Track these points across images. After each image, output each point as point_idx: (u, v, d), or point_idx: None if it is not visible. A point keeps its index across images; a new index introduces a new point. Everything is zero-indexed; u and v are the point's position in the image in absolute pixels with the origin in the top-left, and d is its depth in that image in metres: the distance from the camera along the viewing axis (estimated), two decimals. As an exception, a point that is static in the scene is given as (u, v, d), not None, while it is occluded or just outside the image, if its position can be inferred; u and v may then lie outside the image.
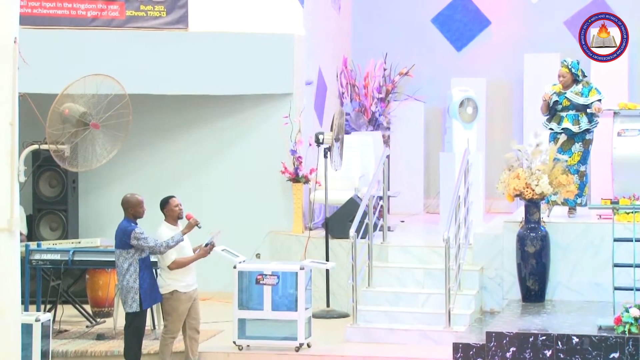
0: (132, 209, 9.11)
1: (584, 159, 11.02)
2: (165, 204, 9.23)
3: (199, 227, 9.24)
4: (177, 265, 9.09)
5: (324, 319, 10.94)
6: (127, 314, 9.10)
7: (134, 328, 9.10)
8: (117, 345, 9.84)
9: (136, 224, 9.09)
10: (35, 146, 8.42)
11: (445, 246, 9.79)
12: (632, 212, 9.81)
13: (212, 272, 10.76)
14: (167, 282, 9.13)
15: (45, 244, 11.07)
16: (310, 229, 12.09)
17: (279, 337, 9.72)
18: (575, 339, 8.72)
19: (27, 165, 8.10)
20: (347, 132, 13.18)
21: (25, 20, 10.75)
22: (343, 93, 14.46)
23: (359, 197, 11.71)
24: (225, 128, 12.68)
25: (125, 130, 8.64)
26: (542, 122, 11.24)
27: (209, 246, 9.24)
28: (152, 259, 9.30)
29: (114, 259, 10.29)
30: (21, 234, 9.60)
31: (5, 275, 7.62)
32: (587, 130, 10.99)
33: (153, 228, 9.22)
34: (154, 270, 9.27)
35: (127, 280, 9.00)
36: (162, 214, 9.28)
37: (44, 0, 12.10)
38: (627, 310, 8.71)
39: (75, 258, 10.52)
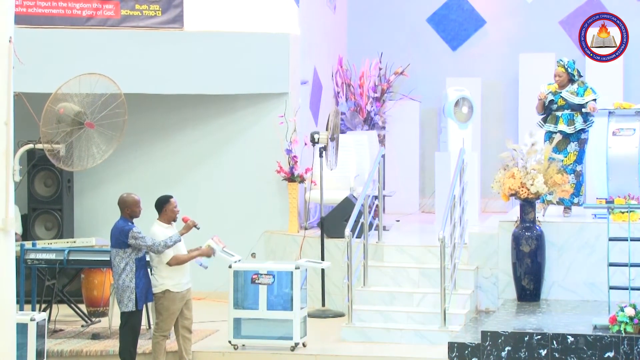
0: (129, 209, 9.10)
1: (580, 158, 11.04)
2: (165, 203, 9.19)
3: (198, 229, 9.23)
4: (176, 261, 9.09)
5: (319, 319, 10.94)
6: (123, 314, 9.09)
7: (130, 327, 9.09)
8: (112, 345, 9.84)
9: (132, 223, 9.09)
10: (31, 145, 8.41)
11: (440, 246, 9.79)
12: (627, 212, 9.83)
13: (207, 272, 10.74)
14: (159, 281, 9.12)
15: (40, 244, 11.06)
16: (306, 229, 12.08)
17: (274, 336, 9.72)
18: (571, 338, 8.74)
19: (22, 164, 8.08)
20: (343, 132, 13.18)
21: (21, 19, 10.73)
22: (338, 92, 14.45)
23: (354, 196, 11.71)
24: (221, 127, 12.67)
25: (120, 130, 8.63)
26: (536, 122, 11.25)
27: (211, 248, 9.28)
28: (147, 258, 9.29)
29: (109, 259, 10.29)
30: (16, 233, 9.58)
31: (1, 275, 7.62)
32: (583, 130, 11.01)
33: (148, 227, 9.21)
34: (148, 269, 9.28)
35: (123, 279, 8.99)
36: (155, 212, 9.28)
37: (39, -1, 12.11)
38: (622, 310, 8.72)
39: (71, 257, 10.51)
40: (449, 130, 12.68)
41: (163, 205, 9.18)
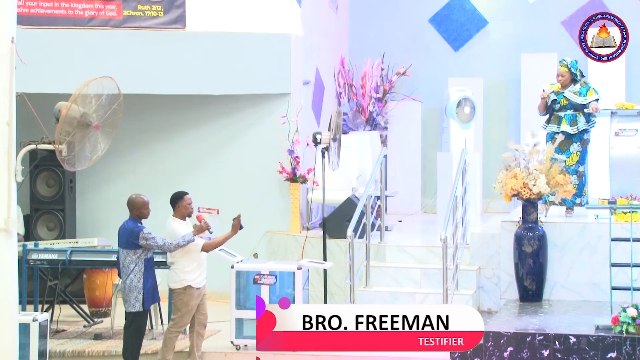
0: (137, 210, 9.12)
1: (582, 159, 11.04)
2: (179, 199, 9.24)
3: (210, 232, 9.24)
4: (209, 246, 9.19)
5: (321, 319, 10.92)
6: (129, 314, 9.09)
7: (135, 328, 9.09)
8: (115, 345, 9.84)
9: (141, 224, 9.10)
10: (33, 146, 8.39)
11: (442, 246, 9.78)
12: (630, 212, 9.82)
13: (209, 272, 10.73)
14: (181, 276, 9.14)
15: (42, 244, 11.07)
16: (308, 229, 12.08)
17: (276, 336, 9.71)
18: (573, 339, 8.73)
19: (25, 165, 8.07)
20: (345, 132, 13.18)
21: (23, 19, 10.74)
22: (340, 93, 14.46)
23: (356, 196, 11.71)
24: (223, 128, 12.68)
25: (116, 127, 8.63)
26: (540, 123, 11.25)
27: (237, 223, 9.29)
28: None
29: (111, 259, 10.33)
30: (18, 234, 9.58)
31: (3, 275, 7.63)
32: (585, 130, 11.01)
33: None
34: (154, 270, 9.30)
35: (130, 279, 9.00)
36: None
37: (41, 0, 12.11)
38: (624, 310, 8.72)
39: (73, 258, 10.52)
40: (451, 130, 12.67)
41: (177, 201, 9.23)
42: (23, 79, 8.03)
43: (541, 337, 8.80)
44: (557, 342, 8.75)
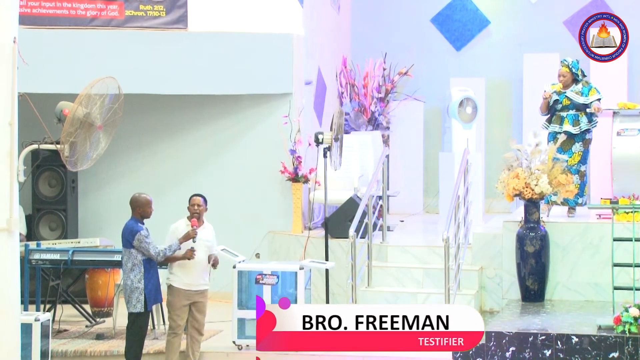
0: (140, 209, 9.13)
1: (584, 158, 11.04)
2: (189, 199, 9.36)
3: (194, 242, 9.21)
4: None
5: (323, 319, 10.91)
6: (130, 314, 9.10)
7: (137, 328, 9.10)
8: (117, 345, 9.85)
9: (143, 223, 9.10)
10: (35, 146, 8.39)
11: (444, 246, 9.78)
12: (632, 212, 9.82)
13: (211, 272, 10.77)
14: (168, 276, 9.25)
15: (44, 244, 11.08)
16: (310, 229, 12.08)
17: (278, 336, 9.71)
18: (575, 339, 8.73)
19: (27, 165, 8.08)
20: (347, 132, 13.18)
21: (25, 19, 10.75)
22: (342, 93, 14.45)
23: (358, 196, 11.71)
24: (225, 128, 12.68)
25: (116, 126, 8.63)
26: (541, 122, 11.24)
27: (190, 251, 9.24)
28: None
29: (113, 259, 10.38)
30: (20, 234, 9.59)
31: (5, 275, 7.62)
32: (587, 130, 11.00)
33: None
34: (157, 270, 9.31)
35: (131, 280, 9.01)
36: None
37: (43, 0, 12.11)
38: (626, 310, 8.71)
39: (75, 258, 10.52)
40: (453, 130, 12.66)
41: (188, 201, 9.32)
42: (25, 79, 8.03)
43: (543, 337, 8.80)
44: (559, 342, 8.75)
